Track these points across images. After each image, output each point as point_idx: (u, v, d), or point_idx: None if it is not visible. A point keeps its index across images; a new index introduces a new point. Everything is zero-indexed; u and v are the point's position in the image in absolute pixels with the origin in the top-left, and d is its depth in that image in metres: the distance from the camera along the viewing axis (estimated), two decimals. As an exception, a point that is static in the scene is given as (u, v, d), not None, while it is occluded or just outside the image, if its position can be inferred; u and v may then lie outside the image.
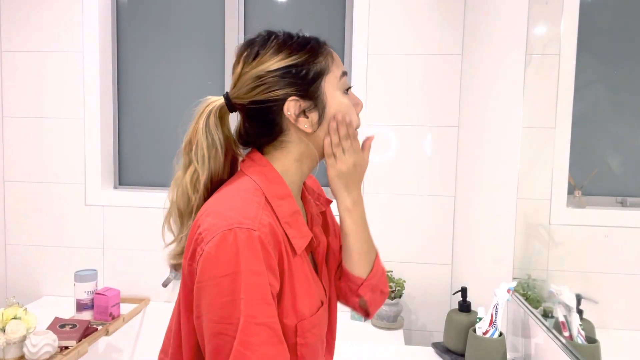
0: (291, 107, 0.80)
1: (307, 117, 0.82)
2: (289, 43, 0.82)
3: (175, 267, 0.88)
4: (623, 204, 0.90)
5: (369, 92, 2.06)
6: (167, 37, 2.25)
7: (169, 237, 0.87)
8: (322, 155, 0.87)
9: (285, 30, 0.86)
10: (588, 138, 1.04)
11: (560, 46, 1.12)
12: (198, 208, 0.83)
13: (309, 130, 0.82)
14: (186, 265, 0.77)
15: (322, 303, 0.87)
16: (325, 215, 0.98)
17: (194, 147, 0.83)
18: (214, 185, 0.85)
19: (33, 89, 2.19)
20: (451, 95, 2.04)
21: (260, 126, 0.84)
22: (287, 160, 0.85)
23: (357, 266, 0.92)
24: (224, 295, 0.71)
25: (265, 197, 0.80)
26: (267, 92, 0.80)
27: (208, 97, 0.87)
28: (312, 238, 0.85)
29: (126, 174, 2.32)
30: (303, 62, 0.81)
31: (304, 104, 0.81)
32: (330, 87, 0.83)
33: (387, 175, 2.08)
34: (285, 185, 0.83)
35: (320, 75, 0.82)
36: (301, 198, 0.93)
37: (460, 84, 2.03)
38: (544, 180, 1.18)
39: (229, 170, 0.88)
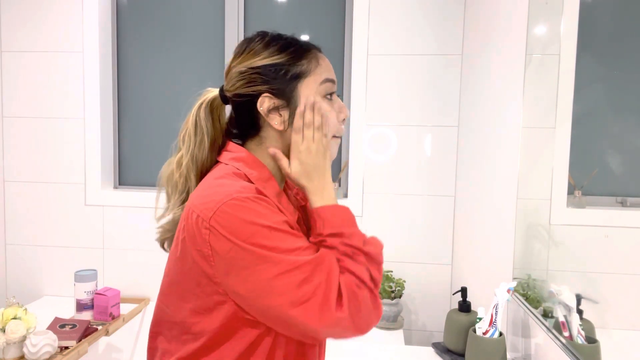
0: (264, 102, 0.85)
1: (280, 115, 0.86)
2: (274, 43, 0.86)
3: (164, 244, 0.93)
4: (623, 204, 0.90)
5: (369, 92, 2.06)
6: (167, 37, 2.25)
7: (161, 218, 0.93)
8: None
9: (285, 32, 0.89)
10: (588, 138, 1.04)
11: (560, 46, 1.12)
12: (182, 184, 0.88)
13: (279, 127, 0.86)
14: (194, 253, 0.78)
15: None
16: (305, 209, 0.99)
17: (182, 133, 0.90)
18: (198, 170, 0.90)
19: (33, 89, 2.19)
20: (451, 95, 2.04)
21: (242, 119, 0.89)
22: (265, 157, 0.89)
23: None
24: (258, 252, 0.74)
25: (249, 180, 0.84)
26: (247, 87, 0.85)
27: (208, 88, 0.92)
28: (299, 216, 0.89)
29: (126, 174, 2.32)
30: (284, 62, 0.85)
31: (277, 101, 0.85)
32: (307, 89, 0.86)
33: (387, 175, 2.08)
34: (266, 169, 0.87)
35: (298, 77, 0.85)
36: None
37: (460, 84, 2.03)
38: (544, 180, 1.18)
39: (215, 159, 0.92)
